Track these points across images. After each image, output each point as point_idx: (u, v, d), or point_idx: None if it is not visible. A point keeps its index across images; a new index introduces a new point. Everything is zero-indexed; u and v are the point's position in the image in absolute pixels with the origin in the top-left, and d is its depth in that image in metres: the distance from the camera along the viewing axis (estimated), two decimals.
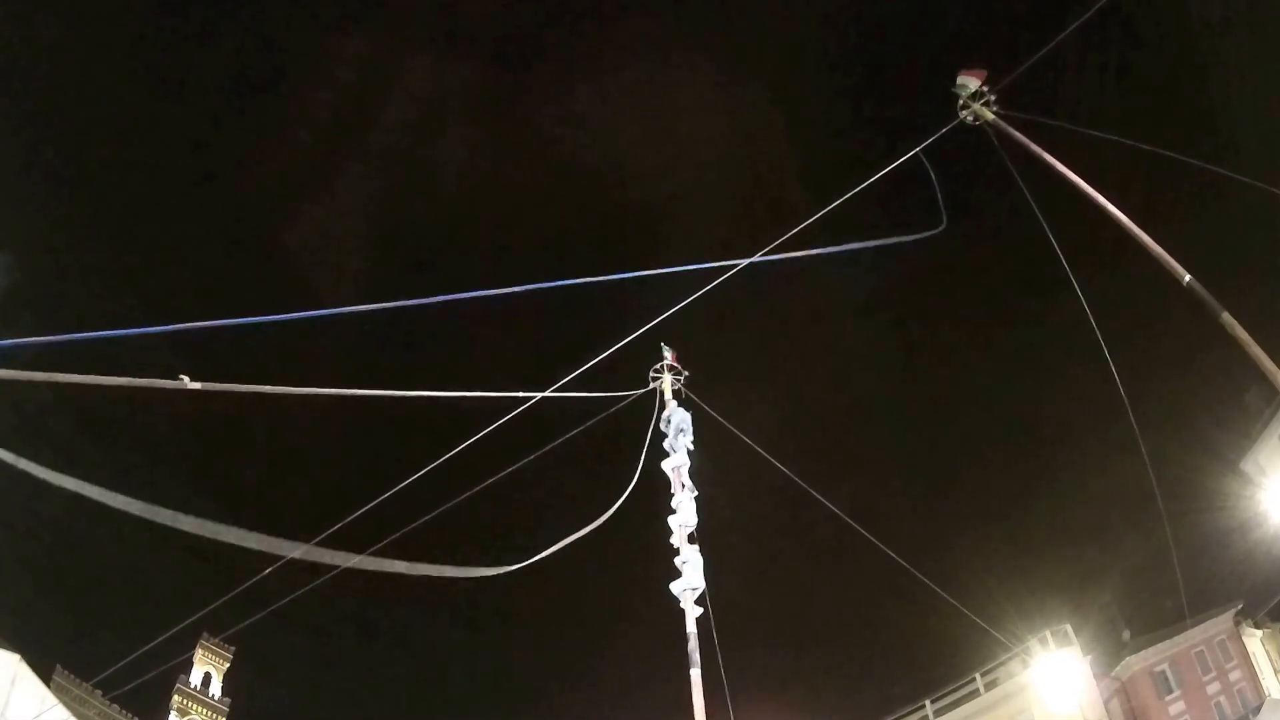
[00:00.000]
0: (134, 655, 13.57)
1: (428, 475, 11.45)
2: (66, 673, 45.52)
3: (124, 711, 52.67)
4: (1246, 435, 39.16)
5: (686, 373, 14.36)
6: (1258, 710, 36.88)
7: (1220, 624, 41.26)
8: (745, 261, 11.69)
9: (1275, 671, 41.63)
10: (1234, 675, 40.43)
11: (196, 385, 7.49)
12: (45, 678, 34.59)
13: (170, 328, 7.82)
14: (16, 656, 30.29)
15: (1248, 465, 38.76)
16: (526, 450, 14.02)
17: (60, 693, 36.69)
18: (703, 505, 13.09)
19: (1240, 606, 41.53)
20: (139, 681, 14.34)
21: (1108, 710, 38.56)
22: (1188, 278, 10.90)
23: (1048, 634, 37.32)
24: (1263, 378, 10.40)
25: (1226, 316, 10.54)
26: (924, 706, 41.70)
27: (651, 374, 14.34)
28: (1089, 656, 38.05)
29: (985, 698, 39.29)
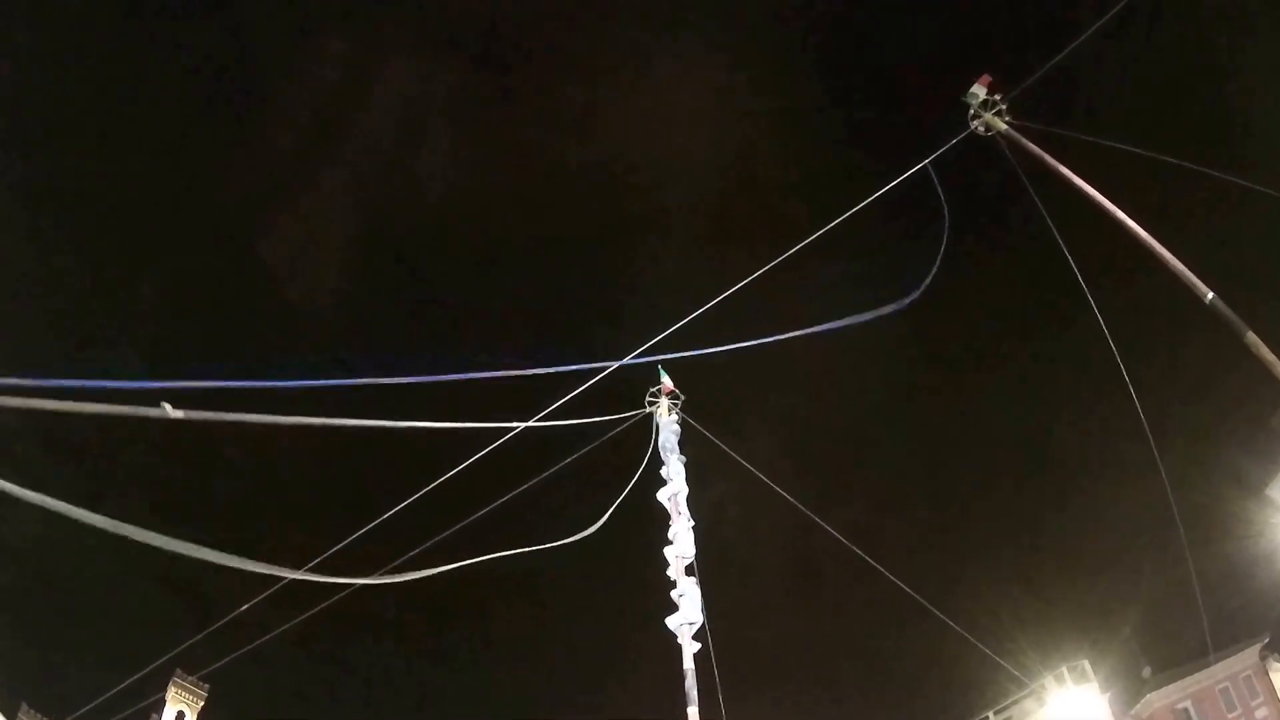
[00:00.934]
0: (106, 695, 13.10)
1: (423, 499, 11.06)
2: (33, 712, 44.82)
3: None
4: (1272, 460, 38.35)
5: (684, 397, 13.85)
6: None
7: (1246, 659, 40.12)
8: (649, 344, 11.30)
9: None
10: (1260, 713, 39.20)
11: (179, 414, 7.03)
12: (11, 716, 34.00)
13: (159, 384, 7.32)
14: None
15: (1273, 491, 37.92)
16: (523, 471, 13.62)
17: None
18: (702, 534, 12.57)
19: (1267, 640, 40.48)
20: None
21: None
22: (1210, 295, 10.45)
23: (1064, 670, 36.46)
24: None
25: (1251, 336, 10.10)
26: None
27: (648, 398, 13.83)
28: (1108, 694, 37.11)
29: None
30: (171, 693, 59.42)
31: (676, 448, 12.92)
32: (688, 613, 11.85)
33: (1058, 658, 37.11)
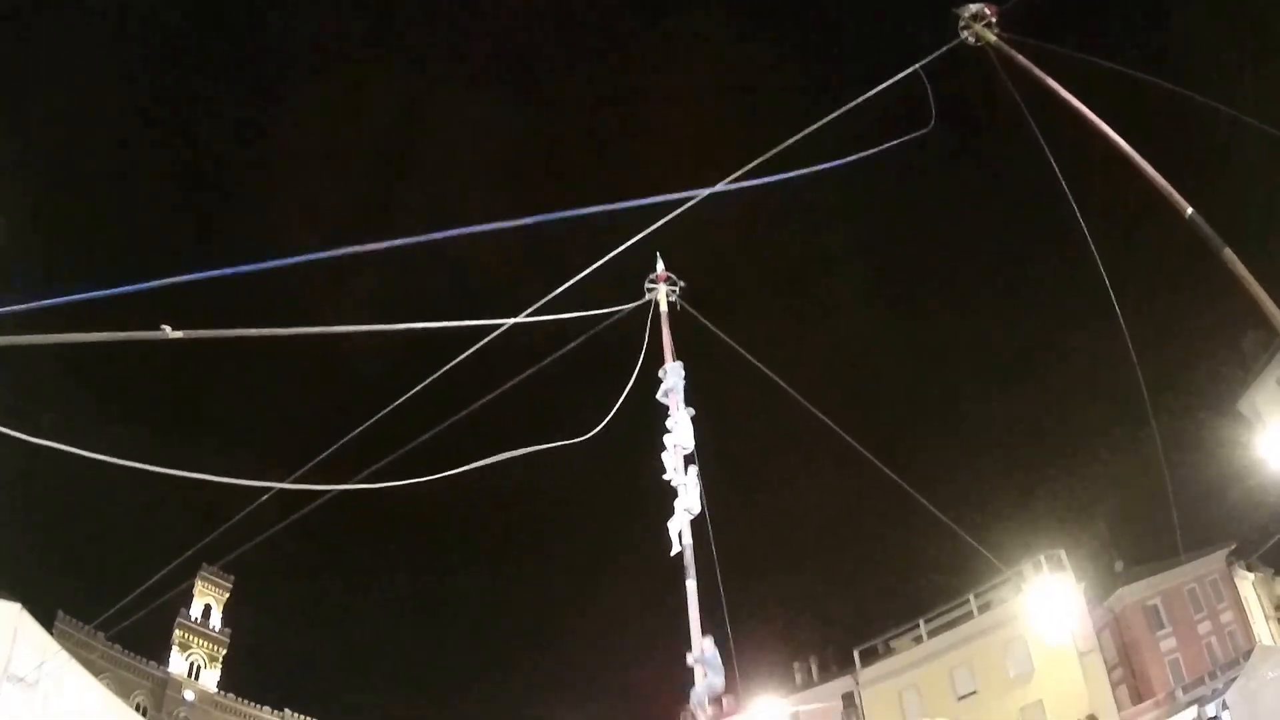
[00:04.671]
0: (134, 594, 13.51)
1: (418, 399, 11.22)
2: (68, 618, 46.02)
3: (126, 651, 53.43)
4: (1243, 379, 39.22)
5: (682, 283, 13.51)
6: (1248, 655, 37.27)
7: (1213, 563, 41.42)
8: (706, 191, 11.04)
9: (1266, 617, 41.88)
10: (1225, 617, 40.61)
11: (178, 334, 7.61)
12: (47, 625, 34.89)
13: (159, 282, 7.75)
14: (18, 606, 30.40)
15: (1244, 407, 38.86)
16: (519, 368, 13.56)
17: (62, 639, 37.02)
18: (701, 425, 12.52)
19: (1233, 548, 41.70)
20: (138, 615, 14.26)
21: (1099, 642, 38.86)
22: (1189, 210, 10.66)
23: (1041, 558, 37.45)
24: (1262, 318, 10.20)
25: (1228, 252, 10.29)
26: (918, 626, 42.27)
27: (646, 285, 13.45)
28: (1082, 584, 38.18)
29: (978, 620, 39.66)
30: (198, 586, 60.87)
31: (673, 382, 12.55)
32: (686, 501, 11.92)
33: (1035, 547, 38.33)
